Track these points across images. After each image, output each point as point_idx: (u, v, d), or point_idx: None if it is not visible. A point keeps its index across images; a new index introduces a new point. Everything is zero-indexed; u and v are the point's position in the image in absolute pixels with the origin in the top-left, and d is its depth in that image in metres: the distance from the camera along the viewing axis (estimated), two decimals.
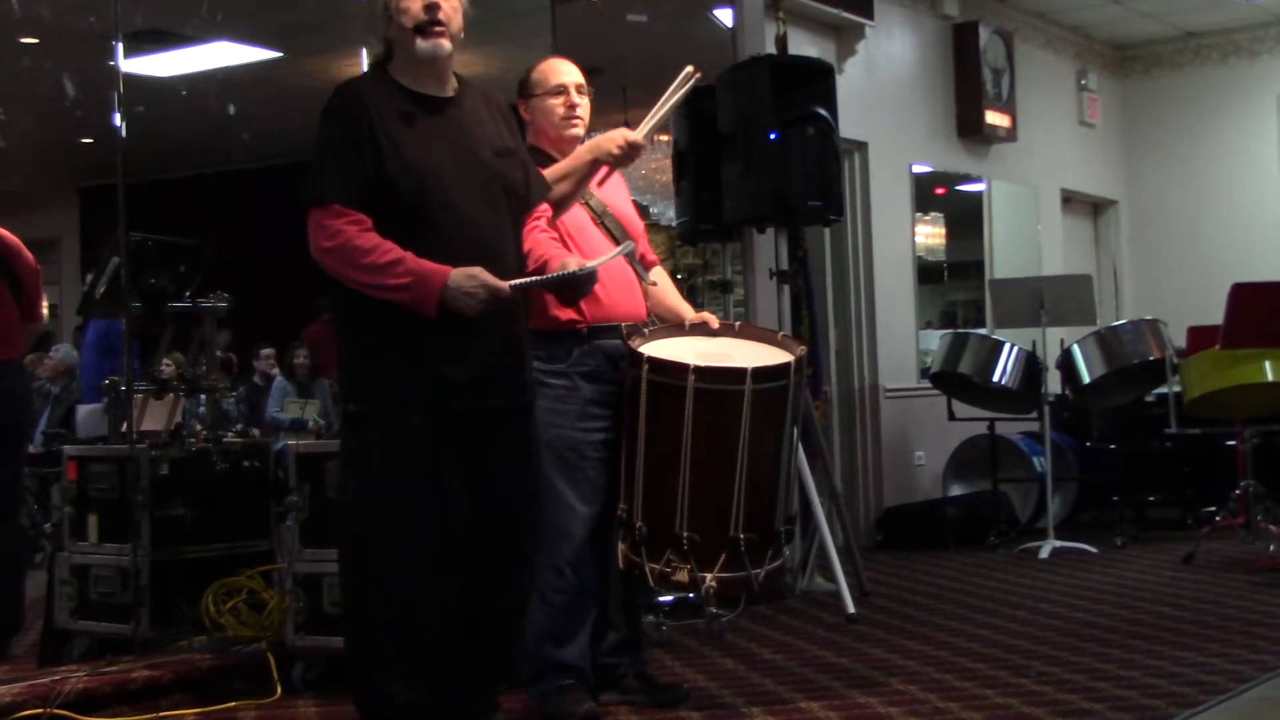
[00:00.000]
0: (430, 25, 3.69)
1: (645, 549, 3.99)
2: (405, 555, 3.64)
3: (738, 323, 4.40)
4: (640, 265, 4.34)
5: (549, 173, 4.14)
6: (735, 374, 3.96)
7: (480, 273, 3.57)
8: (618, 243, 4.35)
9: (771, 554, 4.10)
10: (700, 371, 3.93)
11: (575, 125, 4.35)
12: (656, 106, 4.24)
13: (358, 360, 3.71)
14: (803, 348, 4.26)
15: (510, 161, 3.86)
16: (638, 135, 4.12)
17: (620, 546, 4.10)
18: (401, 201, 3.61)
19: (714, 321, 4.40)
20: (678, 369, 3.95)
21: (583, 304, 4.15)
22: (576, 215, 4.33)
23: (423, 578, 3.64)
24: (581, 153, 4.19)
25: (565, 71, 4.36)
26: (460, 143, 3.75)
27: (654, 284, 4.45)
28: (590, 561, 4.24)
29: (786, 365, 4.05)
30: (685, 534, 3.96)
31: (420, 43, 3.70)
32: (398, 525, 3.65)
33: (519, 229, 3.93)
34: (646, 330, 4.27)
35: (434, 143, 3.70)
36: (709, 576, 3.96)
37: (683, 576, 3.98)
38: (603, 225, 4.37)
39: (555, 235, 4.19)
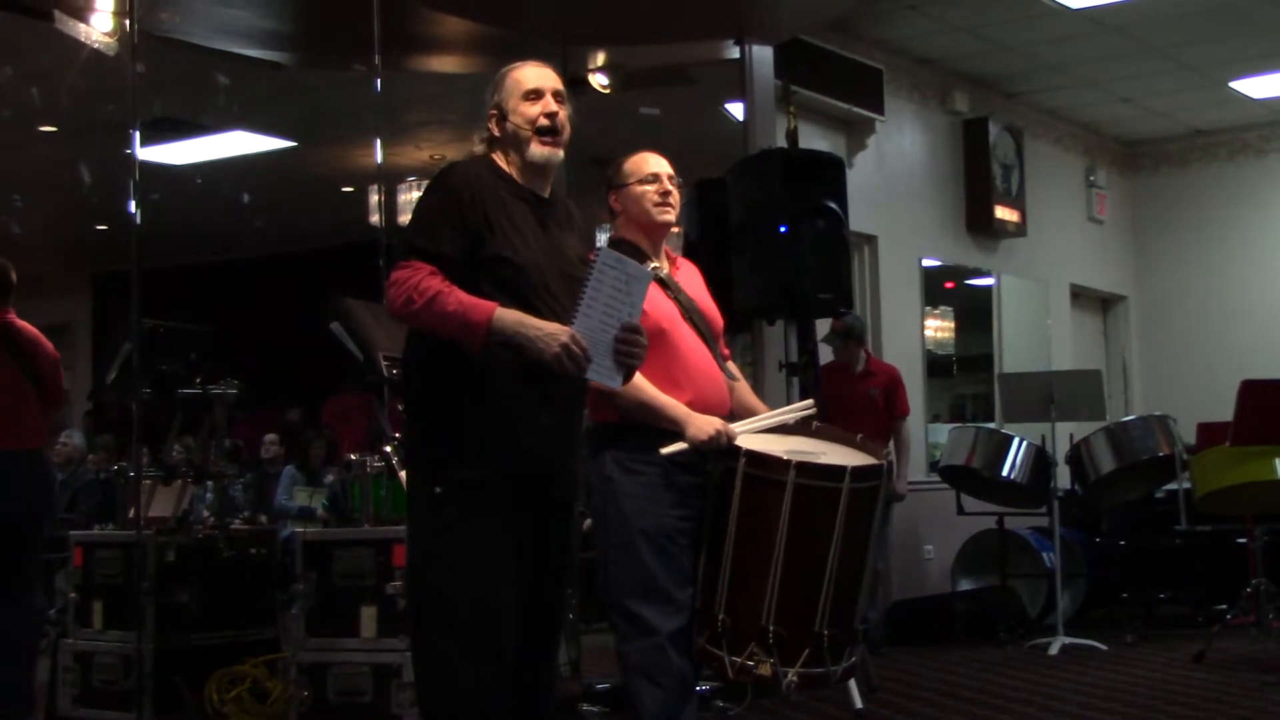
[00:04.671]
0: (549, 131, 3.84)
1: (727, 641, 3.99)
2: (493, 637, 3.69)
3: (815, 423, 4.39)
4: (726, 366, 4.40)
5: (642, 393, 4.17)
6: (835, 471, 3.96)
7: (534, 321, 3.64)
8: (705, 338, 4.37)
9: (849, 651, 4.09)
10: (801, 467, 3.94)
11: (668, 212, 4.37)
12: (767, 416, 4.31)
13: (443, 442, 3.74)
14: (887, 450, 4.27)
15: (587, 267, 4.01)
16: (736, 431, 4.14)
17: (697, 641, 4.09)
18: (509, 285, 3.71)
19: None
20: (778, 464, 3.95)
21: (677, 395, 4.15)
22: (666, 309, 4.33)
23: (505, 659, 3.71)
24: (672, 407, 4.18)
25: (655, 161, 4.42)
26: (557, 244, 3.89)
27: (737, 379, 4.49)
28: (688, 645, 4.22)
29: (880, 467, 4.08)
30: (772, 628, 3.95)
31: (537, 147, 3.84)
32: (487, 606, 3.69)
33: None
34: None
35: (539, 238, 3.83)
36: (791, 671, 3.95)
37: (765, 670, 3.96)
38: (690, 321, 4.39)
39: None
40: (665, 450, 4.03)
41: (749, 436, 4.13)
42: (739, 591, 3.98)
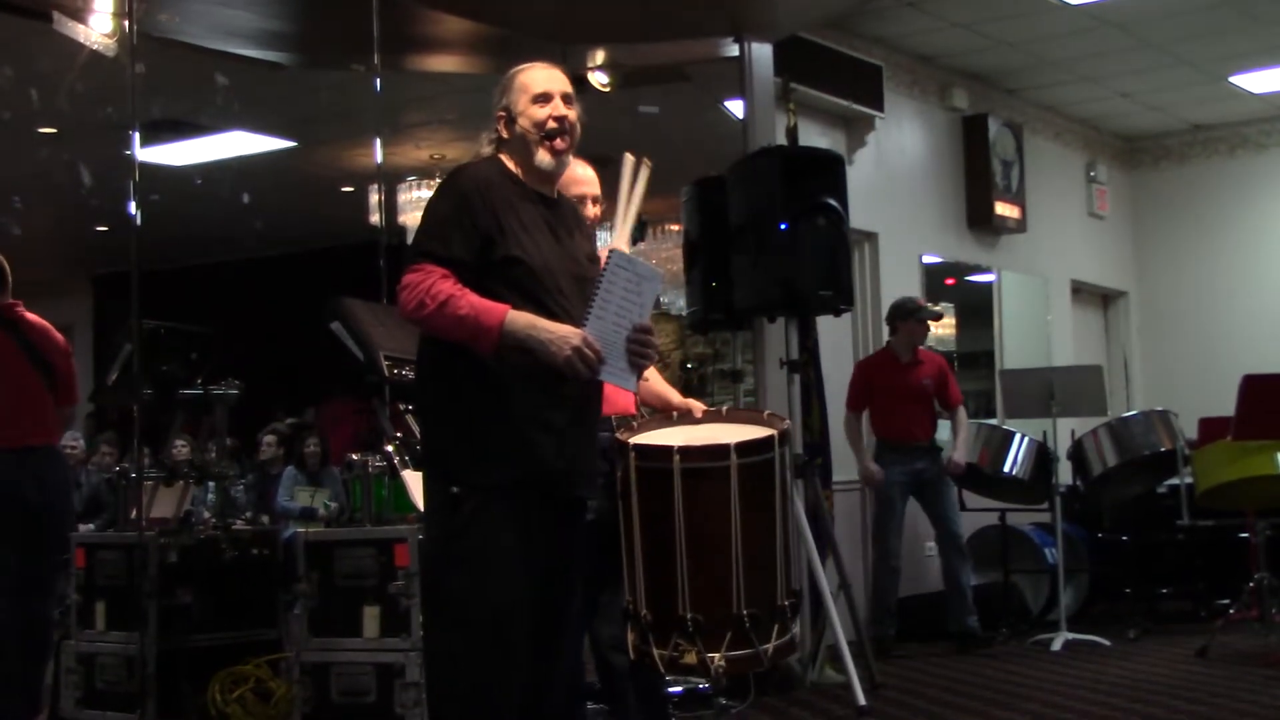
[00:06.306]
0: (558, 136, 3.81)
1: (652, 635, 3.99)
2: (503, 637, 3.69)
3: (724, 408, 4.40)
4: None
5: None
6: (719, 450, 3.97)
7: (548, 324, 3.63)
8: None
9: (778, 629, 4.07)
10: (684, 451, 3.95)
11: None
12: (623, 210, 4.23)
13: (457, 446, 3.74)
14: (787, 422, 4.24)
15: (596, 267, 3.98)
16: (620, 245, 4.10)
17: (630, 638, 4.09)
18: (521, 287, 3.70)
19: (698, 409, 4.41)
20: (663, 451, 3.97)
21: None
22: None
23: (515, 659, 3.71)
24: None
25: (583, 172, 4.41)
26: (566, 245, 3.89)
27: (644, 379, 4.47)
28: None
29: (770, 438, 4.05)
30: (689, 615, 3.95)
31: (544, 155, 3.82)
32: (499, 608, 3.69)
33: None
34: (635, 423, 4.30)
35: (549, 239, 3.82)
36: (717, 656, 3.95)
37: (691, 658, 3.96)
38: None
39: None
40: None
41: (644, 434, 4.11)
42: (655, 585, 3.96)
